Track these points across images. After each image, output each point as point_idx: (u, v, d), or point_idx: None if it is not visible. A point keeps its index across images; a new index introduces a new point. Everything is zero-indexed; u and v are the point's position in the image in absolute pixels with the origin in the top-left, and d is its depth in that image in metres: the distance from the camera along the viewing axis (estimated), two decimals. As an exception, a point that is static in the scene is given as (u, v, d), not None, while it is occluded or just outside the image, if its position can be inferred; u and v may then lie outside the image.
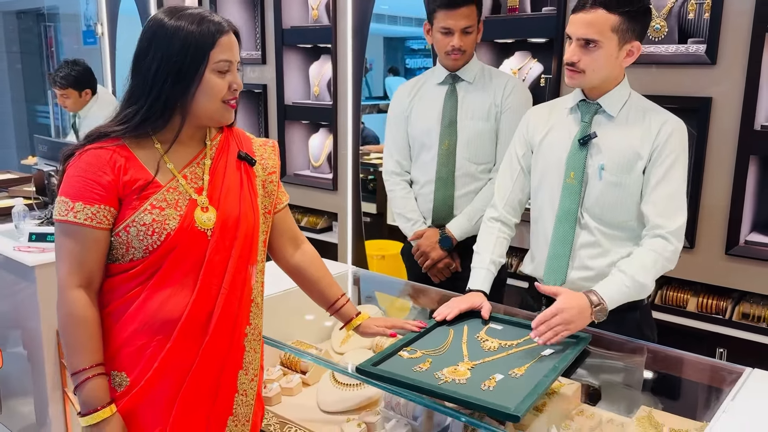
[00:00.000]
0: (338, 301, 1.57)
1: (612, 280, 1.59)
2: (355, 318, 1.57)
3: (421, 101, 2.23)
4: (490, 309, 1.67)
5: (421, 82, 2.27)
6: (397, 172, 2.29)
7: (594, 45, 1.57)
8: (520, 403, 1.22)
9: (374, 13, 3.16)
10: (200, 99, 1.25)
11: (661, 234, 1.61)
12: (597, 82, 1.64)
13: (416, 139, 2.24)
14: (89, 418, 1.24)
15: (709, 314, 2.26)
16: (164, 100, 1.24)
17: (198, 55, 1.23)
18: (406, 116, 2.25)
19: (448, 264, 2.18)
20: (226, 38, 1.26)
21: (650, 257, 1.60)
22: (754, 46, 2.06)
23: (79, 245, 1.23)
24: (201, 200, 1.29)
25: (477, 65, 2.18)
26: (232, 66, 1.28)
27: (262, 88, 3.65)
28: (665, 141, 1.61)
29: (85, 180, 1.22)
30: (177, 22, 1.23)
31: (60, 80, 3.36)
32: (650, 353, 1.67)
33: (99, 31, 4.79)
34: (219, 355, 1.31)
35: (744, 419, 1.30)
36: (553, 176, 1.73)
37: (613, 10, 1.55)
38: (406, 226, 2.25)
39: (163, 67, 1.22)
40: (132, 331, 1.26)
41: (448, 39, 2.07)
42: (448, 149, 2.15)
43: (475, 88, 2.16)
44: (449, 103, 2.16)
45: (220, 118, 1.31)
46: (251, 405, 1.40)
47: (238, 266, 1.32)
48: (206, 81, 1.24)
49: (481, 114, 2.14)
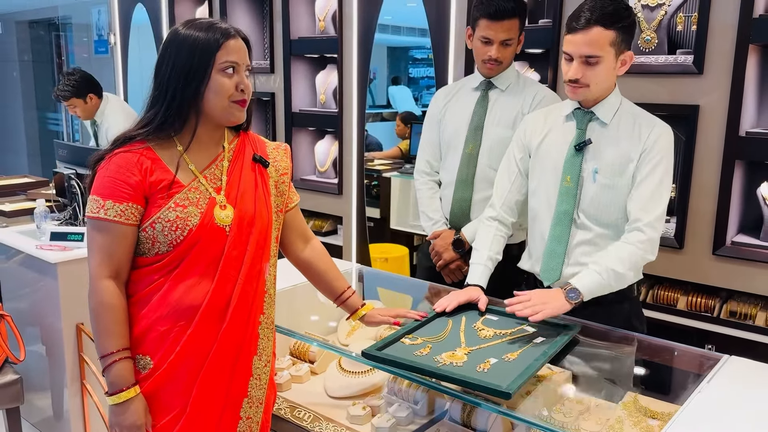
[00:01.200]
0: (345, 292, 1.67)
1: (585, 271, 1.70)
2: (361, 308, 1.67)
3: (455, 105, 2.28)
4: (486, 302, 1.77)
5: (458, 87, 2.31)
6: (427, 171, 2.35)
7: (596, 60, 1.66)
8: (512, 382, 1.33)
9: (378, 23, 3.23)
10: (209, 98, 1.35)
11: (637, 227, 1.70)
12: (599, 93, 1.73)
13: (445, 141, 2.28)
14: (115, 397, 1.34)
15: (698, 312, 2.34)
16: (179, 101, 1.35)
17: (205, 58, 1.33)
18: (440, 119, 2.30)
19: (460, 266, 2.22)
20: (232, 42, 1.36)
21: (625, 249, 1.70)
22: (738, 57, 2.15)
23: (109, 239, 1.34)
24: (219, 199, 1.40)
25: (513, 73, 2.21)
26: (238, 67, 1.37)
27: (271, 96, 3.77)
28: (653, 144, 1.71)
29: (115, 180, 1.33)
30: (188, 31, 1.35)
31: (61, 93, 3.51)
32: (635, 342, 1.76)
33: (112, 40, 4.91)
34: (235, 341, 1.41)
35: (716, 399, 1.41)
36: (550, 179, 1.82)
37: (609, 26, 1.64)
38: (427, 225, 2.31)
39: (176, 71, 1.34)
40: (156, 317, 1.36)
41: (486, 48, 2.10)
42: (471, 153, 2.19)
43: (506, 95, 2.18)
44: (479, 108, 2.20)
45: (230, 116, 1.39)
46: (264, 388, 1.50)
47: (254, 260, 1.43)
48: (213, 81, 1.34)
49: (507, 121, 2.16)
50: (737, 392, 1.44)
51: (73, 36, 7.42)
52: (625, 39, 1.68)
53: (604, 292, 1.70)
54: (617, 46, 1.67)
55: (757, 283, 2.21)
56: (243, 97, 1.38)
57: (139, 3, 4.59)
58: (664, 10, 2.34)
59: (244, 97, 1.39)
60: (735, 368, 1.55)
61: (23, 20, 7.72)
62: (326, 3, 3.52)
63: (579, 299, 1.65)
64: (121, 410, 1.34)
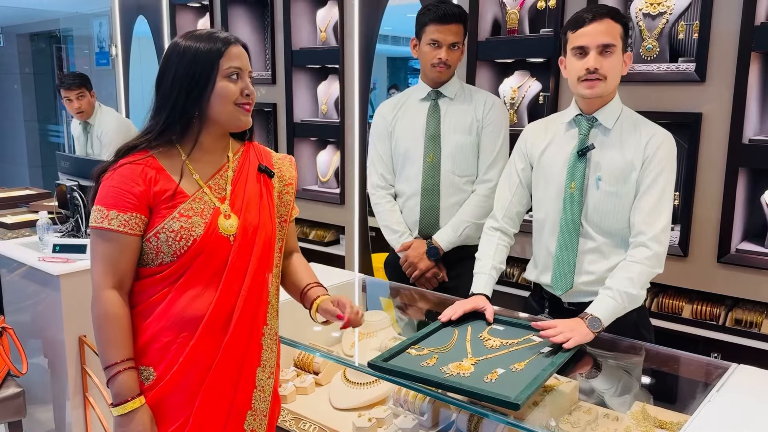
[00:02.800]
0: (308, 285, 1.54)
1: (599, 298, 1.68)
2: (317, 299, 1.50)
3: (405, 117, 2.31)
4: (493, 312, 1.76)
5: (403, 100, 2.35)
6: (382, 185, 2.36)
7: (611, 50, 1.69)
8: (520, 393, 1.32)
9: (379, 34, 3.25)
10: (215, 104, 1.36)
11: (642, 242, 1.70)
12: (612, 89, 1.75)
13: (400, 154, 2.31)
14: (120, 408, 1.32)
15: (704, 320, 2.33)
16: (180, 109, 1.35)
17: (208, 65, 1.34)
18: (390, 132, 2.33)
19: (436, 273, 2.25)
20: (234, 49, 1.37)
21: (634, 268, 1.69)
22: (740, 65, 2.16)
23: (113, 249, 1.33)
24: (223, 208, 1.39)
25: (457, 83, 2.28)
26: (242, 73, 1.38)
27: (272, 107, 3.77)
28: (654, 152, 1.71)
29: (118, 190, 1.33)
30: (188, 42, 1.36)
31: (73, 80, 3.56)
32: (643, 351, 1.75)
33: (113, 52, 4.93)
34: (239, 353, 1.40)
35: (726, 409, 1.40)
36: (555, 187, 1.82)
37: (617, 20, 1.70)
38: (393, 238, 2.32)
39: (177, 80, 1.34)
40: (159, 328, 1.35)
41: (435, 52, 2.17)
42: (433, 162, 2.23)
43: (456, 103, 2.25)
44: (432, 117, 2.25)
45: (236, 120, 1.40)
46: (268, 401, 1.48)
47: (257, 270, 1.42)
48: (219, 87, 1.35)
49: (463, 128, 2.22)
50: (747, 402, 1.43)
51: (74, 48, 7.45)
52: (627, 38, 1.74)
53: (620, 314, 1.69)
54: (623, 42, 1.72)
55: (763, 290, 2.20)
56: (248, 100, 1.40)
57: (140, 15, 4.62)
58: (666, 19, 2.34)
59: (249, 101, 1.40)
60: (743, 377, 1.54)
61: (24, 33, 7.76)
62: (327, 14, 3.54)
63: (601, 327, 1.63)
64: (126, 421, 1.33)
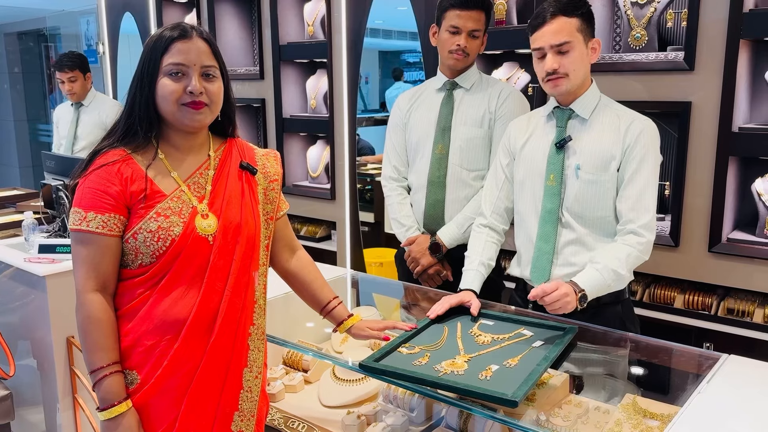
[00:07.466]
0: (330, 303, 1.61)
1: (586, 271, 1.67)
2: (347, 320, 1.61)
3: (420, 108, 2.27)
4: (479, 306, 1.74)
5: (420, 90, 2.31)
6: (395, 177, 2.33)
7: (567, 47, 1.69)
8: (517, 390, 1.30)
9: (369, 28, 3.23)
10: (160, 104, 1.33)
11: (632, 229, 1.69)
12: (578, 82, 1.74)
13: (413, 145, 2.27)
14: (107, 412, 1.30)
15: (696, 310, 2.32)
16: (138, 108, 1.33)
17: (151, 62, 1.32)
18: (405, 123, 2.30)
19: (438, 271, 2.21)
20: (181, 44, 1.31)
21: (623, 250, 1.69)
22: (729, 53, 2.14)
23: (93, 251, 1.31)
24: (201, 208, 1.36)
25: (476, 73, 2.22)
26: (186, 70, 1.32)
27: (261, 103, 3.75)
28: (635, 140, 1.71)
29: (95, 191, 1.31)
30: (153, 35, 1.33)
31: (67, 63, 3.55)
32: (633, 343, 1.74)
33: (100, 50, 4.89)
34: (224, 354, 1.38)
35: (717, 399, 1.39)
36: (535, 180, 1.81)
37: (570, 14, 1.69)
38: (400, 232, 2.29)
39: (134, 78, 1.33)
40: (143, 331, 1.33)
41: (455, 38, 2.11)
42: (441, 154, 2.19)
43: (471, 94, 2.19)
44: (445, 108, 2.20)
45: (184, 120, 1.34)
46: (256, 401, 1.46)
47: (241, 270, 1.39)
48: (159, 85, 1.32)
49: (475, 120, 2.17)
50: (737, 392, 1.42)
51: (62, 46, 7.40)
52: (589, 26, 1.73)
53: (603, 293, 1.67)
54: (584, 33, 1.71)
55: (754, 279, 2.20)
56: (193, 99, 1.33)
57: (127, 12, 4.57)
58: (654, 7, 2.32)
59: (195, 99, 1.33)
60: (734, 368, 1.53)
61: (12, 32, 7.70)
62: (315, 8, 3.51)
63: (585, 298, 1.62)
64: (114, 425, 1.31)
